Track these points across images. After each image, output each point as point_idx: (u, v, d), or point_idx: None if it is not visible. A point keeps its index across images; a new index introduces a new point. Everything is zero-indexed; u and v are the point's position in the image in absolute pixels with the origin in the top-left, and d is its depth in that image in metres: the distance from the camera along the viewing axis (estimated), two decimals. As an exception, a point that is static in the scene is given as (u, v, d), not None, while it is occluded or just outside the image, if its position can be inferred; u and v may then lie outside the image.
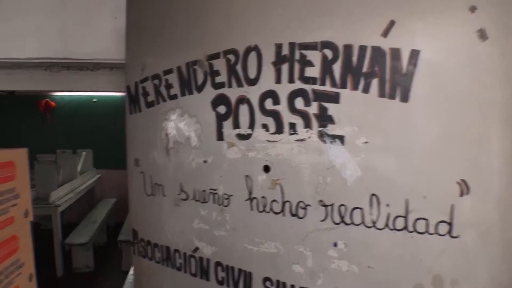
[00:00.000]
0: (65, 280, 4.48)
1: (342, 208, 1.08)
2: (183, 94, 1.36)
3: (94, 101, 6.70)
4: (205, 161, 1.31)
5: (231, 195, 1.27)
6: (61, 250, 4.58)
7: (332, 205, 1.10)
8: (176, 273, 1.43)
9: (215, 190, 1.30)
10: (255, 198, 1.22)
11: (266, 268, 1.23)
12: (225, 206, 1.28)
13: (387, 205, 1.03)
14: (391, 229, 1.03)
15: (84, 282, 4.61)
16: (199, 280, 1.37)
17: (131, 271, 2.58)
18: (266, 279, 1.23)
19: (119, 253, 4.89)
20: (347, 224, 1.08)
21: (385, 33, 1.00)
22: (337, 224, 1.10)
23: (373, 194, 1.04)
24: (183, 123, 1.36)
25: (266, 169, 1.19)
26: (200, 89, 1.31)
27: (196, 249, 1.37)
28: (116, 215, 6.23)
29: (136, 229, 1.59)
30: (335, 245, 1.11)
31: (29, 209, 1.63)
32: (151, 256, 1.52)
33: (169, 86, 1.39)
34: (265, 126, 1.19)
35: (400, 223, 1.01)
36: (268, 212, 1.20)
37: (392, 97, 1.01)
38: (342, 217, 1.09)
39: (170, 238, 1.44)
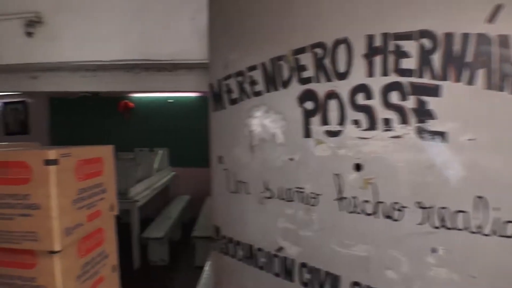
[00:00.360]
0: (141, 272, 4.67)
1: (443, 211, 1.00)
2: (268, 91, 1.33)
3: (170, 102, 6.94)
4: (291, 159, 1.28)
5: (318, 194, 1.22)
6: (138, 244, 4.79)
7: (431, 207, 1.01)
8: (259, 272, 1.41)
9: (301, 188, 1.26)
10: (345, 197, 1.16)
11: (356, 272, 1.17)
12: (312, 205, 1.23)
13: (496, 208, 0.93)
14: (500, 236, 0.93)
15: (159, 275, 4.78)
16: (282, 281, 1.34)
17: (207, 267, 2.61)
18: (355, 283, 1.17)
19: (193, 249, 5.01)
20: (448, 229, 0.99)
21: (491, 19, 0.91)
22: (436, 228, 1.01)
23: (479, 196, 0.94)
24: (268, 120, 1.33)
25: (357, 167, 1.13)
26: (285, 84, 1.28)
27: (280, 248, 1.34)
28: (190, 212, 6.40)
29: (219, 225, 1.59)
30: (434, 251, 1.02)
31: (114, 203, 1.70)
32: (233, 253, 1.51)
33: (253, 83, 1.37)
34: (356, 122, 1.13)
35: (510, 229, 0.91)
36: (359, 213, 1.14)
37: (501, 89, 0.91)
38: (442, 221, 1.00)
39: (253, 236, 1.42)
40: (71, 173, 1.31)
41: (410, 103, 1.03)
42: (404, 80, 1.04)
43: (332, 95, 1.17)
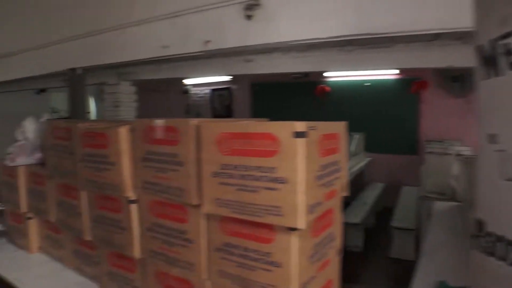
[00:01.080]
0: (335, 256, 4.70)
1: None
2: None
3: (367, 85, 6.71)
4: None
5: None
6: (333, 227, 4.81)
7: None
8: (541, 283, 1.11)
9: None
10: None
11: None
12: None
13: None
14: None
15: (352, 261, 4.73)
16: None
17: (421, 265, 2.36)
18: None
19: (389, 239, 4.82)
20: None
21: None
22: None
23: None
24: None
25: None
26: None
27: None
28: (385, 200, 6.16)
29: (483, 219, 1.32)
30: None
31: (345, 184, 1.57)
32: (502, 255, 1.23)
33: (550, 39, 1.05)
34: None
35: None
36: None
37: None
38: None
39: (539, 238, 1.12)
40: (315, 148, 1.22)
41: None
42: None
43: None
